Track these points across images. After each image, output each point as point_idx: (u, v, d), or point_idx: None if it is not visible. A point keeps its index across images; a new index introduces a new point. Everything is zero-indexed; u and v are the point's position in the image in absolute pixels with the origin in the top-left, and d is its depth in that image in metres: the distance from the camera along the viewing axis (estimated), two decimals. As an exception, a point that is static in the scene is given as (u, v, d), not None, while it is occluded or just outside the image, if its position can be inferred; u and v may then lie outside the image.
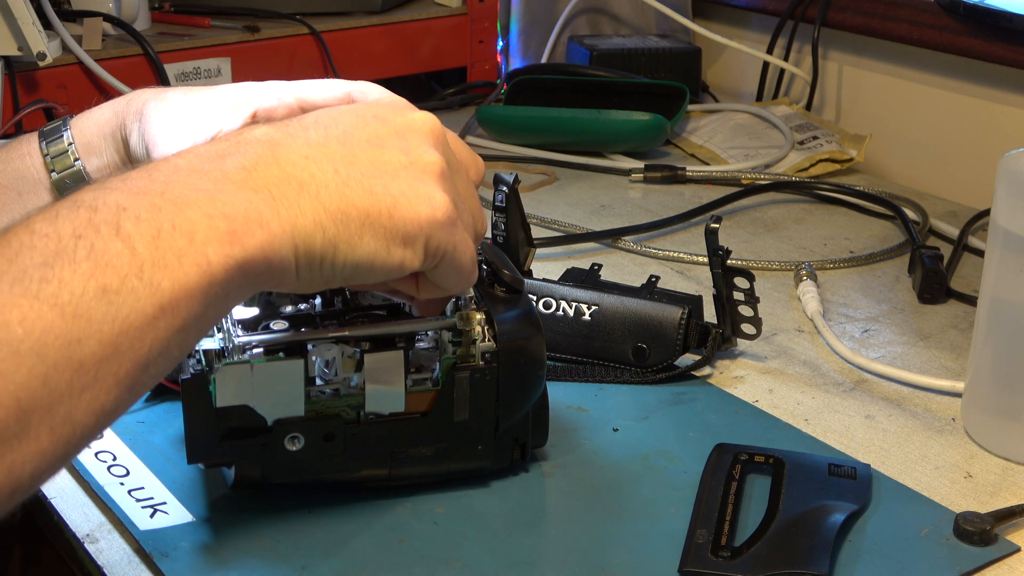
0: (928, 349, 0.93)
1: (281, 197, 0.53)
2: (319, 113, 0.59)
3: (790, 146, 1.31)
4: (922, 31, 1.32)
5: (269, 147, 0.55)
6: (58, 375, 0.45)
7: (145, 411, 0.79)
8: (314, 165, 0.55)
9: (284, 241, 0.53)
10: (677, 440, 0.78)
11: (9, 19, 1.15)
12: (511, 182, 0.80)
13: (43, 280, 0.46)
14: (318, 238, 0.54)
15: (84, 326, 0.46)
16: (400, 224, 0.56)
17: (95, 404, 0.47)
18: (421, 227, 0.57)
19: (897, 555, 0.67)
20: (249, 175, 0.53)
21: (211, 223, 0.51)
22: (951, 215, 1.20)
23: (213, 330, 0.68)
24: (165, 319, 0.49)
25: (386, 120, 0.59)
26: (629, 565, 0.66)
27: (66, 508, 0.70)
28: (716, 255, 0.84)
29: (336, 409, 0.67)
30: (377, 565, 0.65)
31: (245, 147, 0.55)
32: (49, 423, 0.45)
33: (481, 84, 1.58)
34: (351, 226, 0.55)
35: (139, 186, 0.51)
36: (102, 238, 0.48)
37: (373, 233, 0.56)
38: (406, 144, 0.58)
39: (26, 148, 0.77)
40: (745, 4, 1.56)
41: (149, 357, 0.48)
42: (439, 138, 0.60)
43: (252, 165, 0.54)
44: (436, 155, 0.58)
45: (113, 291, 0.47)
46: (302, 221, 0.54)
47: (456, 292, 0.64)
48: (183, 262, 0.49)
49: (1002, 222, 0.75)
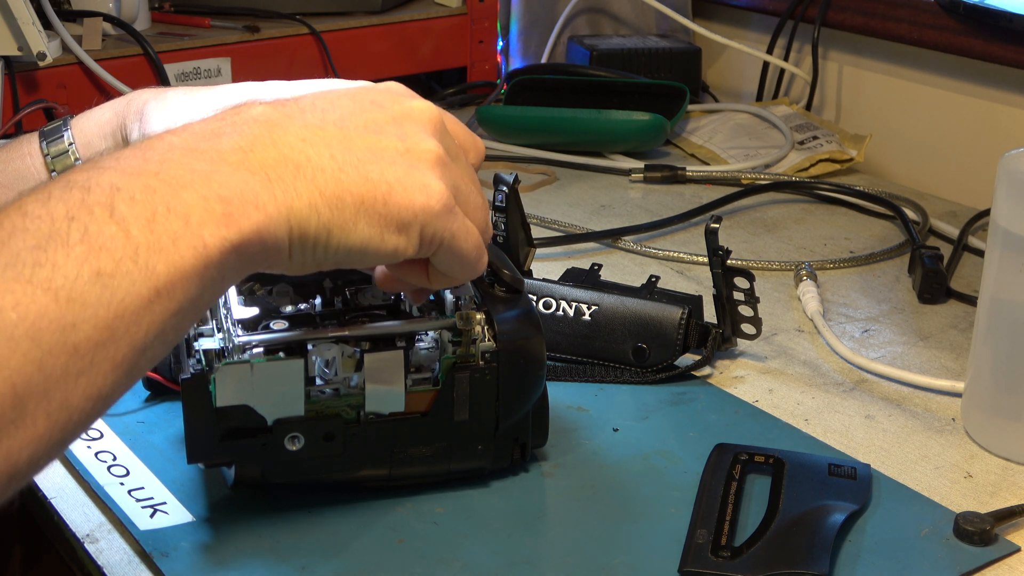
0: (928, 349, 0.93)
1: (277, 179, 0.53)
2: (316, 95, 0.58)
3: (790, 146, 1.31)
4: (922, 31, 1.32)
5: (266, 128, 0.54)
6: (53, 360, 0.45)
7: (145, 411, 0.79)
8: (311, 148, 0.55)
9: (279, 223, 0.53)
10: (677, 440, 0.78)
11: (9, 19, 1.15)
12: (511, 182, 0.80)
13: (36, 264, 0.45)
14: (313, 221, 0.54)
15: (79, 311, 0.46)
16: (395, 211, 0.56)
17: (91, 389, 0.47)
18: (416, 214, 0.56)
19: (897, 555, 0.67)
20: (245, 156, 0.53)
21: (207, 205, 0.50)
22: (951, 215, 1.20)
23: (213, 330, 0.68)
24: (161, 302, 0.48)
25: (384, 106, 0.58)
26: (629, 565, 0.66)
27: (66, 508, 0.70)
28: (716, 255, 0.84)
29: (336, 409, 0.67)
30: (377, 565, 0.65)
31: (242, 126, 0.54)
32: (45, 408, 0.45)
33: (481, 84, 1.58)
34: (346, 211, 0.55)
35: (133, 165, 0.50)
36: (96, 220, 0.47)
37: (368, 219, 0.55)
38: (403, 131, 0.57)
39: (26, 148, 0.77)
40: (745, 4, 1.56)
41: (146, 341, 0.48)
42: (437, 126, 0.59)
43: (249, 146, 0.53)
44: (433, 143, 0.58)
45: (108, 275, 0.47)
46: (298, 204, 0.53)
47: (465, 280, 0.63)
48: (179, 245, 0.49)
49: (1002, 222, 0.75)
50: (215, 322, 0.68)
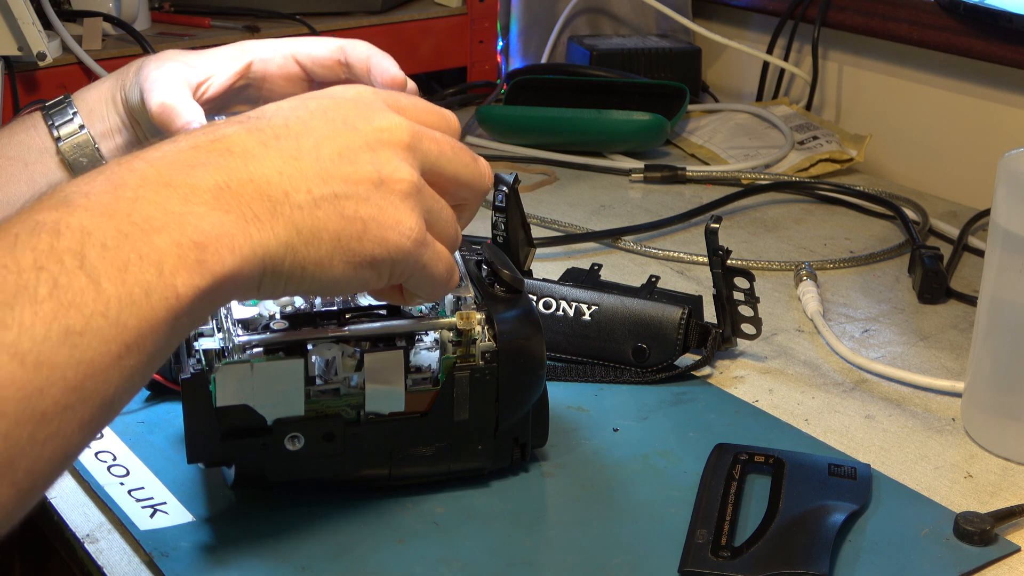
0: (928, 349, 0.93)
1: (253, 218, 0.52)
2: (289, 113, 0.57)
3: (790, 146, 1.31)
4: (922, 31, 1.32)
5: (242, 160, 0.53)
6: (20, 430, 0.43)
7: (145, 411, 0.79)
8: (288, 183, 0.53)
9: (254, 264, 0.52)
10: (677, 440, 0.78)
11: (9, 19, 1.14)
12: (511, 182, 0.80)
13: (3, 326, 0.43)
14: (288, 260, 0.53)
15: (47, 374, 0.44)
16: (368, 248, 0.55)
17: (58, 452, 0.45)
18: (389, 252, 0.56)
19: (897, 555, 0.67)
20: (220, 193, 0.51)
21: (180, 252, 0.49)
22: (951, 215, 1.20)
23: (213, 330, 0.68)
24: (131, 356, 0.47)
25: (357, 128, 0.57)
26: (629, 565, 0.66)
27: (66, 508, 0.70)
28: (716, 255, 0.84)
29: (336, 409, 0.67)
30: (377, 565, 0.65)
31: (217, 158, 0.52)
32: (11, 478, 0.43)
33: (481, 84, 1.58)
34: (321, 248, 0.54)
35: (105, 204, 0.48)
36: (65, 271, 0.45)
37: (342, 256, 0.55)
38: (377, 158, 0.56)
39: (30, 121, 0.80)
40: (745, 4, 1.56)
41: (115, 395, 0.47)
42: (411, 143, 0.58)
43: (224, 182, 0.52)
44: (406, 169, 0.57)
45: (77, 333, 0.45)
46: (273, 243, 0.52)
47: (436, 299, 0.65)
48: (151, 297, 0.47)
49: (1002, 222, 0.75)
50: (215, 322, 0.68)
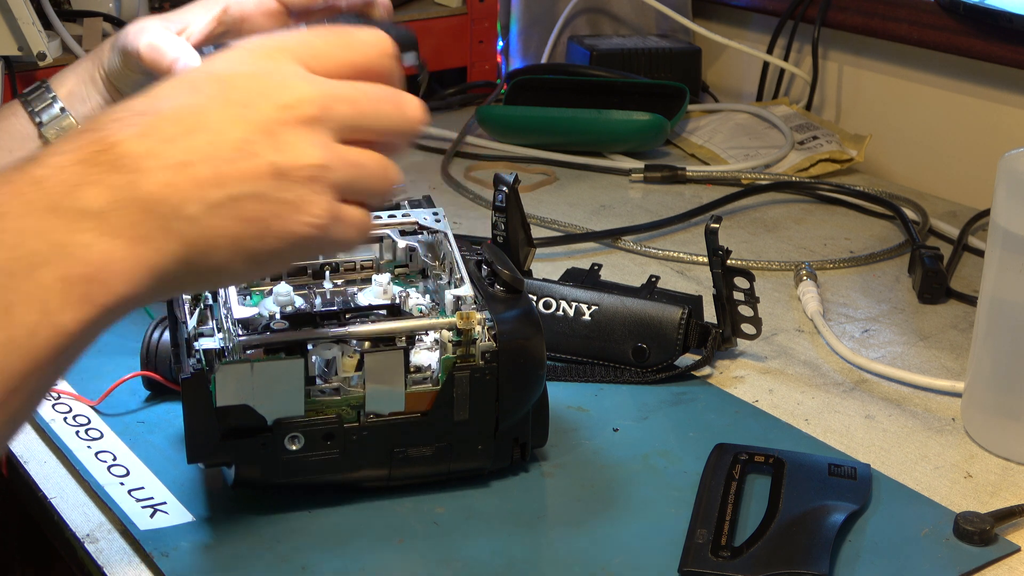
0: (928, 349, 0.93)
1: (141, 239, 0.49)
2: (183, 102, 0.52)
3: (790, 146, 1.31)
4: (922, 31, 1.32)
5: (130, 176, 0.49)
6: None
7: (145, 411, 0.79)
8: (178, 195, 0.50)
9: (145, 284, 0.50)
10: (677, 440, 0.78)
11: (9, 19, 1.14)
12: (511, 182, 0.81)
13: None
14: (181, 273, 0.51)
15: None
16: (270, 244, 0.52)
17: None
18: (291, 245, 0.53)
19: (897, 555, 0.67)
20: (107, 218, 0.48)
21: (66, 287, 0.47)
22: (951, 215, 1.20)
23: (213, 330, 0.68)
24: (17, 396, 0.46)
25: (258, 109, 0.52)
26: (629, 565, 0.66)
27: (66, 508, 0.70)
28: (716, 255, 0.84)
29: (336, 409, 0.67)
30: (377, 565, 0.65)
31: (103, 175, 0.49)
32: None
33: (481, 84, 1.58)
34: (219, 255, 0.51)
35: None
36: None
37: (243, 257, 0.52)
38: (278, 143, 0.52)
39: (10, 110, 0.82)
40: (745, 4, 1.56)
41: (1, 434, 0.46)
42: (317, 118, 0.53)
43: (110, 203, 0.48)
44: (311, 152, 0.52)
45: None
46: (165, 262, 0.50)
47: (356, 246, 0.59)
48: (36, 338, 0.46)
49: (1002, 222, 0.75)
50: (215, 322, 0.68)
